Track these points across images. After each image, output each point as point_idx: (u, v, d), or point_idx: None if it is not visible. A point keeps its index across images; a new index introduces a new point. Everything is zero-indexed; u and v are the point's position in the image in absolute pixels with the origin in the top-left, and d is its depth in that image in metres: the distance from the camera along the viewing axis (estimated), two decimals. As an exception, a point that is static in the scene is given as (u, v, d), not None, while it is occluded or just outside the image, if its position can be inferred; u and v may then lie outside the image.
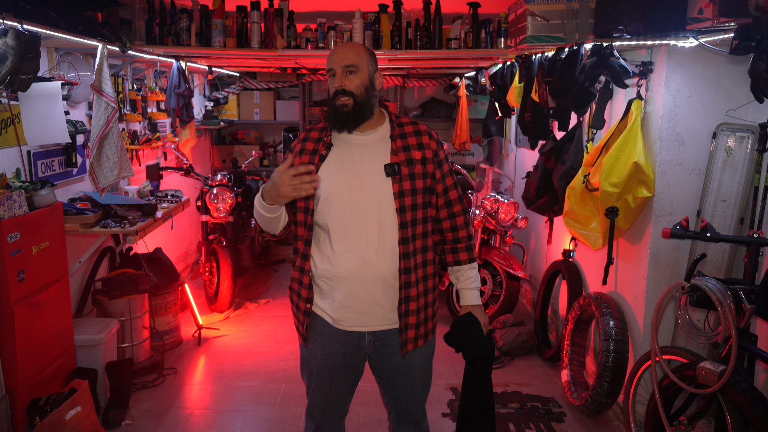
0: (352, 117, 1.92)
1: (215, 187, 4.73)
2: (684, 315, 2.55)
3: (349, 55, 1.93)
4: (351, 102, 1.91)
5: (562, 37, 3.01)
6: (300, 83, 6.66)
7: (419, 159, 1.96)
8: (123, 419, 3.15)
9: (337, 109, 1.92)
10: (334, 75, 1.93)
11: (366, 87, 1.93)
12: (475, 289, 2.10)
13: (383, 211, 1.91)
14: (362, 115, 1.94)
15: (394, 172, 1.92)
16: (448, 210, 2.05)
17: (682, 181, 2.84)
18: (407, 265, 1.93)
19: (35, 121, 2.97)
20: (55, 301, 2.87)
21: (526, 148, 4.86)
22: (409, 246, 1.94)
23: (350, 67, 1.91)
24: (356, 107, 1.92)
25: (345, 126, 1.94)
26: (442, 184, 2.04)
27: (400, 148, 1.96)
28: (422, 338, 2.03)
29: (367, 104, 1.94)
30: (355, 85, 1.91)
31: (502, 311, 4.26)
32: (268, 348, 4.13)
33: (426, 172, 1.97)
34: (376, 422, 3.18)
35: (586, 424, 3.18)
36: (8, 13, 2.37)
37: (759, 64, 1.99)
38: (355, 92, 1.91)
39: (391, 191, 1.92)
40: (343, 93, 1.90)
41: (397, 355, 2.01)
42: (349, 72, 1.91)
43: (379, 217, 1.91)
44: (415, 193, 1.94)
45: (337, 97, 1.91)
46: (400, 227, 1.92)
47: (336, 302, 1.96)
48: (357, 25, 3.58)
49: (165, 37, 3.59)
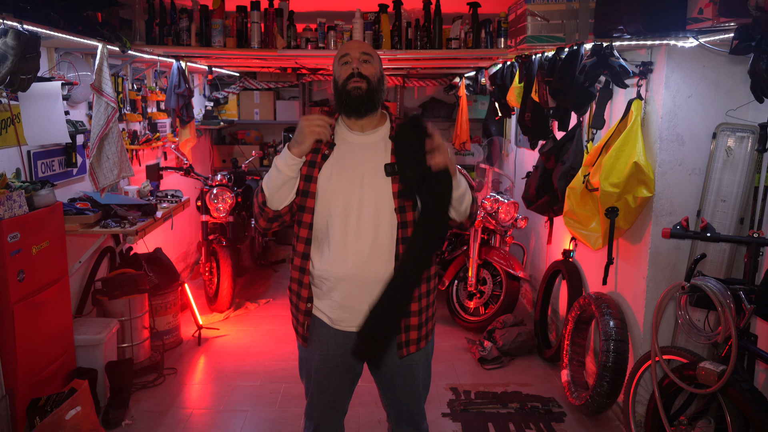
0: (366, 100, 1.92)
1: (215, 187, 4.73)
2: (684, 315, 2.55)
3: (364, 47, 1.98)
4: (365, 85, 1.91)
5: (562, 37, 3.01)
6: (300, 83, 6.66)
7: None
8: (123, 419, 3.15)
9: (349, 92, 1.91)
10: (348, 62, 1.93)
11: (379, 78, 1.96)
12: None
13: (382, 211, 1.91)
14: (374, 102, 1.94)
15: (394, 172, 1.92)
16: None
17: (682, 181, 2.84)
18: None
19: (35, 121, 2.97)
20: (55, 301, 2.87)
21: (526, 148, 4.86)
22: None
23: (366, 55, 1.95)
24: (369, 92, 1.92)
25: (357, 110, 1.93)
26: None
27: None
28: (424, 339, 2.03)
29: (378, 94, 1.96)
30: (371, 72, 1.93)
31: (502, 311, 4.26)
32: (268, 348, 4.13)
33: None
34: (376, 422, 3.18)
35: (586, 424, 3.18)
36: (8, 13, 2.37)
37: (759, 64, 1.98)
38: (370, 78, 1.93)
39: (391, 191, 1.92)
40: (359, 76, 1.91)
41: (396, 356, 2.01)
42: (365, 60, 1.94)
43: (378, 217, 1.91)
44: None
45: (352, 79, 1.91)
46: (400, 227, 1.91)
47: (334, 302, 1.96)
48: (357, 25, 3.58)
49: (165, 37, 3.59)
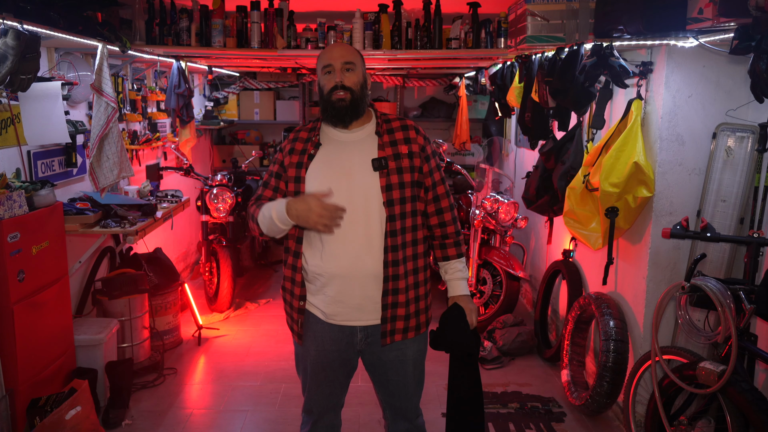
0: (350, 111, 1.96)
1: (215, 187, 4.73)
2: (684, 315, 2.55)
3: (346, 53, 1.97)
4: (349, 97, 1.95)
5: (562, 37, 3.01)
6: (300, 83, 6.66)
7: (406, 153, 1.99)
8: (123, 419, 3.15)
9: (333, 103, 1.96)
10: (330, 72, 1.96)
11: (362, 85, 1.99)
12: (462, 279, 2.11)
13: (371, 206, 1.94)
14: (358, 110, 1.98)
15: (381, 167, 1.95)
16: (436, 205, 2.07)
17: (682, 181, 2.84)
18: (395, 258, 1.95)
19: (35, 121, 2.97)
20: (55, 301, 2.87)
21: (526, 148, 4.86)
22: (397, 239, 1.95)
23: (348, 65, 1.96)
24: (353, 102, 1.96)
25: (342, 120, 1.98)
26: (431, 179, 2.06)
27: (386, 143, 1.99)
28: (413, 330, 2.04)
29: (362, 101, 1.99)
30: (353, 81, 1.96)
31: (502, 311, 4.26)
32: (268, 348, 4.13)
33: (413, 166, 2.00)
34: (376, 422, 3.18)
35: (586, 424, 3.18)
36: (8, 13, 2.37)
37: (759, 64, 1.99)
38: (353, 88, 1.96)
39: (379, 185, 1.94)
40: (342, 88, 1.94)
41: (389, 350, 2.03)
42: (347, 69, 1.96)
43: (367, 212, 1.94)
44: (403, 187, 1.96)
45: (335, 92, 1.95)
46: (388, 220, 1.94)
47: (328, 297, 1.98)
48: (357, 25, 3.58)
49: (165, 37, 3.58)
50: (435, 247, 2.13)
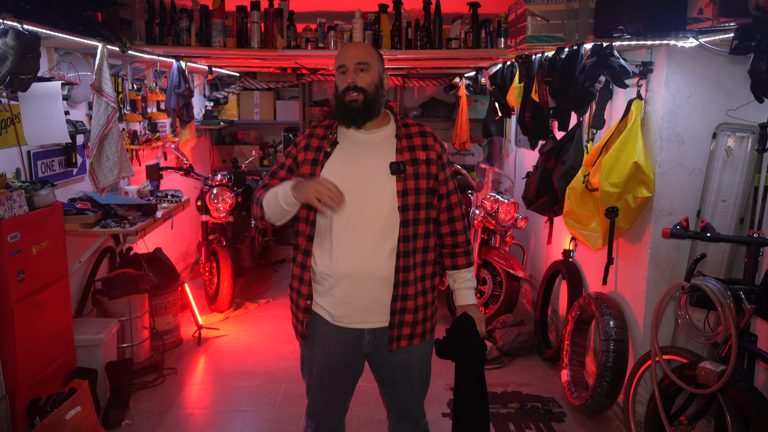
0: (362, 113, 1.94)
1: (215, 187, 4.73)
2: (684, 315, 2.55)
3: (361, 53, 1.95)
4: (361, 98, 1.93)
5: (562, 37, 3.01)
6: (300, 83, 6.66)
7: (423, 159, 1.98)
8: (123, 419, 3.15)
9: (346, 104, 1.93)
10: (345, 72, 1.94)
11: (376, 85, 1.96)
12: (470, 289, 2.12)
13: (385, 209, 1.92)
14: (371, 111, 1.96)
15: (399, 171, 1.93)
16: (449, 214, 2.07)
17: (682, 181, 2.84)
18: (406, 263, 1.94)
19: (35, 121, 2.97)
20: (55, 301, 2.87)
21: (526, 148, 4.86)
22: (409, 245, 1.94)
23: (362, 65, 1.94)
24: (366, 103, 1.94)
25: (354, 122, 1.96)
26: (445, 187, 2.06)
27: (405, 147, 1.98)
28: (419, 337, 2.04)
29: (377, 102, 1.96)
30: (367, 82, 1.94)
31: (502, 311, 4.26)
32: (268, 348, 4.13)
33: (430, 172, 1.99)
34: (376, 422, 3.18)
35: (586, 424, 3.18)
36: (8, 13, 2.37)
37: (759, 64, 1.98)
38: (366, 89, 1.93)
39: (395, 189, 1.93)
40: (354, 89, 1.92)
41: (396, 353, 2.02)
42: (361, 69, 1.94)
43: (381, 215, 1.92)
44: (419, 193, 1.95)
45: (348, 93, 1.93)
46: (402, 225, 1.93)
47: (336, 299, 1.97)
48: (357, 25, 3.58)
49: (165, 37, 3.58)
50: (445, 256, 2.12)
